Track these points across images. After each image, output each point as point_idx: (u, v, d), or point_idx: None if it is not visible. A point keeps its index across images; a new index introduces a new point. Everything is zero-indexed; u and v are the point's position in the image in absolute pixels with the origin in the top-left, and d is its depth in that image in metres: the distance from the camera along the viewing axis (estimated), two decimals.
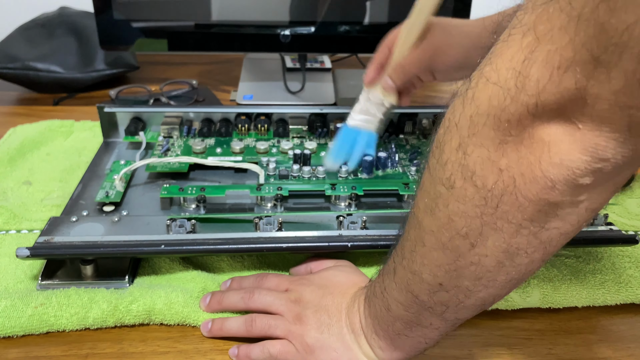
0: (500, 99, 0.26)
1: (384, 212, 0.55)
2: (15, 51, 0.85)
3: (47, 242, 0.47)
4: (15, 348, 0.44)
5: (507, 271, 0.32)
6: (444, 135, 0.30)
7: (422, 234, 0.33)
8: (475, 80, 0.28)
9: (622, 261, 0.53)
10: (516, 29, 0.26)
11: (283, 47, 0.82)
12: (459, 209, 0.30)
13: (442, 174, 0.30)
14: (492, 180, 0.28)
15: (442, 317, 0.36)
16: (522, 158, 0.27)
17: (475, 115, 0.28)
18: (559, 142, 0.26)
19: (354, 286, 0.44)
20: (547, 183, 0.27)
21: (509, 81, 0.26)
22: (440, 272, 0.33)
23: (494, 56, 0.27)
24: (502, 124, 0.27)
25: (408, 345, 0.39)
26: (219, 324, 0.45)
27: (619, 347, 0.46)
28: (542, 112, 0.26)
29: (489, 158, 0.28)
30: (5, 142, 0.70)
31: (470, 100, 0.28)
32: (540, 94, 0.25)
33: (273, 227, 0.51)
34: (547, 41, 0.24)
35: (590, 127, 0.25)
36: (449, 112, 0.30)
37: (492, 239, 0.30)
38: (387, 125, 0.69)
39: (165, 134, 0.66)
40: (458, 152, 0.29)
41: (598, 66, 0.23)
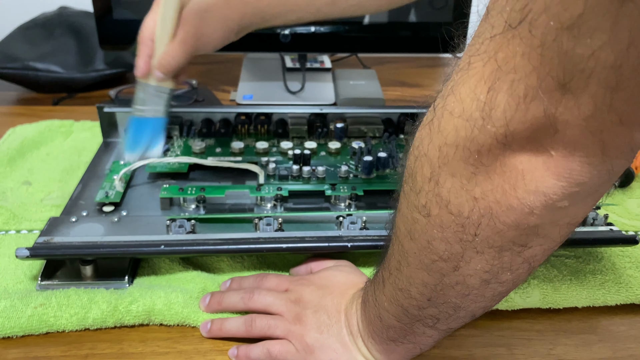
0: (467, 131, 0.26)
1: (384, 212, 0.55)
2: (15, 51, 0.85)
3: (46, 243, 0.47)
4: (15, 348, 0.44)
5: (493, 287, 0.32)
6: (415, 163, 0.30)
7: (405, 255, 0.33)
8: (440, 109, 0.27)
9: (622, 261, 0.53)
10: (476, 57, 0.25)
11: (283, 47, 0.82)
12: (437, 235, 0.30)
13: (417, 202, 0.30)
14: (468, 208, 0.28)
15: (434, 327, 0.36)
16: (497, 186, 0.27)
17: (444, 146, 0.27)
18: (532, 170, 0.25)
19: (353, 287, 0.44)
20: (525, 209, 0.26)
21: (474, 112, 0.25)
22: (426, 290, 0.33)
23: (456, 85, 0.26)
24: (472, 154, 0.26)
25: (403, 350, 0.39)
26: (219, 324, 0.45)
27: (619, 348, 0.46)
28: (512, 141, 0.25)
29: (463, 187, 0.27)
30: (5, 142, 0.70)
31: (437, 130, 0.28)
32: (509, 123, 0.24)
33: (273, 227, 0.51)
34: (510, 70, 0.24)
35: (563, 154, 0.24)
36: (417, 140, 0.30)
37: (475, 261, 0.30)
38: (387, 125, 0.69)
39: (166, 134, 0.66)
40: (431, 181, 0.29)
41: (565, 93, 0.22)
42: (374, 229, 0.51)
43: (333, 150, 0.65)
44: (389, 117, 0.70)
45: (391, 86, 0.94)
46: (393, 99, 0.90)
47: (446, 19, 0.80)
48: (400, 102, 0.89)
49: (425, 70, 1.02)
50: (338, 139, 0.67)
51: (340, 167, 0.60)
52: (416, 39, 0.82)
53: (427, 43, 0.83)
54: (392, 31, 0.82)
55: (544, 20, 0.21)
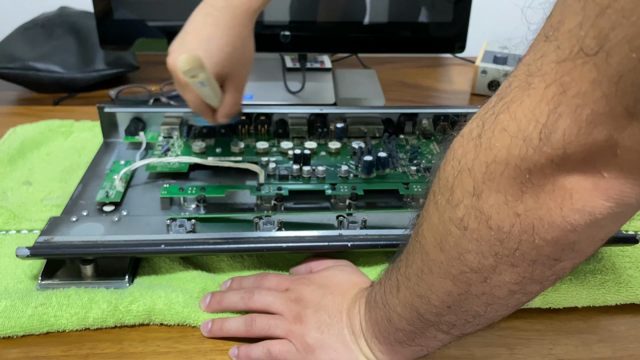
0: (521, 150, 0.26)
1: (384, 212, 0.55)
2: (15, 51, 0.85)
3: (47, 242, 0.47)
4: (15, 348, 0.44)
5: (518, 298, 0.32)
6: (455, 177, 0.29)
7: (429, 263, 0.33)
8: (490, 126, 0.27)
9: (622, 261, 0.53)
10: (537, 77, 0.25)
11: (283, 47, 0.82)
12: (472, 248, 0.30)
13: (453, 215, 0.30)
14: (509, 224, 0.28)
15: (447, 333, 0.36)
16: (542, 204, 0.27)
17: (493, 163, 0.27)
18: (581, 190, 0.26)
19: (354, 287, 0.44)
20: (567, 227, 0.26)
21: (532, 133, 0.25)
22: (449, 299, 0.33)
23: (512, 104, 0.26)
24: (522, 173, 0.26)
25: (409, 352, 0.39)
26: (219, 324, 0.45)
27: (619, 347, 0.46)
28: (567, 162, 0.25)
29: (506, 204, 0.27)
30: (5, 142, 0.70)
31: (485, 147, 0.27)
32: (567, 146, 0.24)
33: (273, 227, 0.51)
34: (576, 95, 0.23)
35: (616, 176, 0.25)
36: (458, 153, 0.29)
37: (506, 274, 0.30)
38: (387, 125, 0.69)
39: (166, 134, 0.66)
40: (472, 196, 0.28)
41: (633, 121, 0.23)
42: (374, 229, 0.51)
43: (333, 150, 0.65)
44: (389, 117, 0.70)
45: (391, 86, 0.94)
46: (393, 99, 0.90)
47: (446, 19, 0.80)
48: (400, 102, 0.89)
49: (425, 70, 1.02)
50: (338, 139, 0.67)
51: (340, 167, 0.60)
52: (416, 39, 0.82)
53: (427, 43, 0.83)
54: (392, 31, 0.82)
55: (624, 51, 0.21)
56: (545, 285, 0.31)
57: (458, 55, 1.03)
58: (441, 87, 0.96)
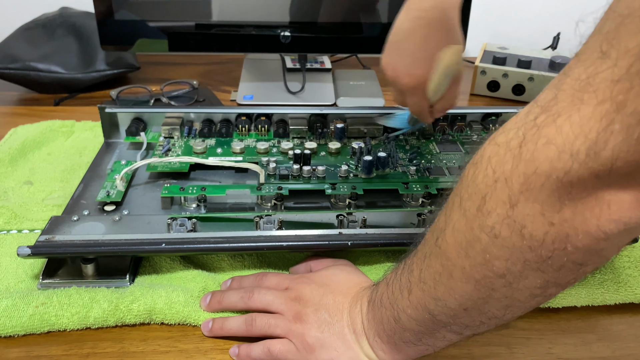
0: (566, 164, 0.26)
1: (383, 212, 0.55)
2: (16, 51, 0.85)
3: (48, 241, 0.47)
4: (17, 347, 0.44)
5: (537, 300, 0.32)
6: (489, 186, 0.29)
7: (450, 268, 0.33)
8: (532, 137, 0.27)
9: (621, 261, 0.53)
10: (588, 93, 0.25)
11: (283, 48, 0.82)
12: (501, 255, 0.30)
13: (483, 222, 0.30)
14: (542, 232, 0.28)
15: (458, 333, 0.36)
16: (579, 214, 0.27)
17: (533, 175, 0.27)
18: (620, 201, 0.26)
19: (355, 286, 0.45)
20: (601, 235, 0.27)
21: (580, 148, 0.25)
22: (468, 302, 0.33)
23: (558, 117, 0.26)
24: (563, 186, 0.26)
25: (413, 351, 0.39)
26: (220, 323, 0.46)
27: (618, 347, 0.46)
28: (611, 177, 0.25)
29: (542, 214, 0.27)
30: (7, 142, 0.71)
31: (526, 158, 0.27)
32: (614, 163, 0.25)
33: (273, 226, 0.51)
34: (630, 114, 0.24)
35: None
36: (494, 162, 0.29)
37: (532, 278, 0.30)
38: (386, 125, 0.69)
39: (166, 134, 0.66)
40: (506, 204, 0.28)
41: None
42: (374, 228, 0.51)
43: (333, 150, 0.65)
44: None
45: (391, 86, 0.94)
46: (393, 99, 0.90)
47: None
48: None
49: None
50: (338, 139, 0.67)
51: (340, 167, 0.61)
52: None
53: None
54: None
55: None
56: (564, 288, 0.31)
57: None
58: None
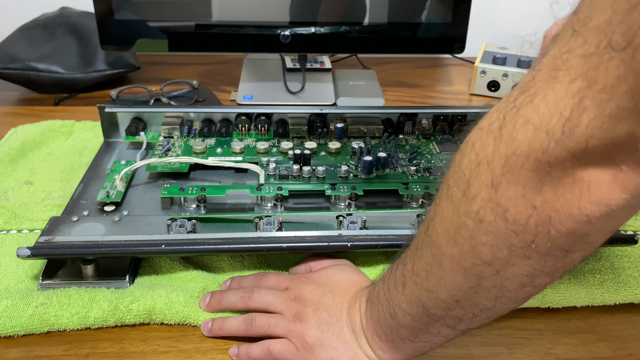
0: (543, 143, 0.26)
1: (383, 212, 0.55)
2: (16, 51, 0.85)
3: (48, 242, 0.47)
4: (16, 347, 0.44)
5: (527, 290, 0.32)
6: (473, 169, 0.29)
7: (440, 257, 0.33)
8: (512, 119, 0.27)
9: (621, 261, 0.53)
10: (561, 71, 0.25)
11: (283, 48, 0.82)
12: (487, 241, 0.30)
13: (468, 207, 0.30)
14: (526, 216, 0.28)
15: (453, 327, 0.36)
16: (560, 196, 0.27)
17: (513, 156, 0.27)
18: (599, 183, 0.26)
19: (354, 285, 0.45)
20: (583, 218, 0.27)
21: (555, 126, 0.25)
22: (458, 293, 0.33)
23: (535, 97, 0.26)
24: (542, 166, 0.26)
25: (411, 349, 0.39)
26: (219, 323, 0.46)
27: (618, 347, 0.46)
28: (588, 156, 0.25)
29: (524, 196, 0.27)
30: (6, 142, 0.71)
31: (506, 139, 0.27)
32: (589, 140, 0.25)
33: (273, 227, 0.51)
34: (601, 90, 0.24)
35: (634, 169, 0.25)
36: (477, 145, 0.29)
37: (519, 265, 0.30)
38: (387, 125, 0.69)
39: (166, 134, 0.67)
40: (489, 188, 0.28)
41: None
42: (374, 229, 0.51)
43: (333, 150, 0.65)
44: (389, 117, 0.70)
45: (391, 86, 0.94)
46: (393, 99, 0.90)
47: (446, 20, 0.80)
48: (400, 102, 0.89)
49: (425, 70, 1.02)
50: (338, 139, 0.67)
51: (340, 167, 0.61)
52: (416, 39, 0.82)
53: (427, 43, 0.83)
54: (392, 31, 0.82)
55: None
56: (554, 277, 0.31)
57: (457, 55, 1.03)
58: (440, 88, 0.96)
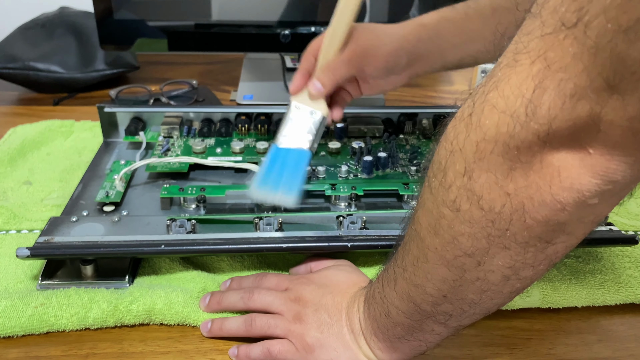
0: (509, 127, 0.26)
1: (384, 212, 0.55)
2: (16, 51, 0.85)
3: (47, 242, 0.47)
4: (16, 348, 0.44)
5: (512, 284, 0.32)
6: (448, 158, 0.30)
7: (424, 250, 0.33)
8: (480, 105, 0.27)
9: (622, 261, 0.53)
10: (523, 54, 0.25)
11: (283, 47, 0.82)
12: (465, 230, 0.30)
13: (446, 197, 0.30)
14: (500, 204, 0.28)
15: (444, 324, 0.36)
16: (531, 182, 0.27)
17: (482, 142, 0.27)
18: (569, 167, 0.26)
19: (354, 286, 0.44)
20: (557, 206, 0.27)
21: (519, 109, 0.25)
22: (444, 286, 0.33)
23: (500, 82, 0.26)
24: (510, 150, 0.26)
25: (408, 348, 0.39)
26: (219, 324, 0.45)
27: (619, 347, 0.46)
28: (553, 139, 0.25)
29: (497, 183, 0.28)
30: (6, 142, 0.71)
31: (475, 125, 0.28)
32: (552, 122, 0.25)
33: (273, 227, 0.51)
34: (559, 69, 0.24)
35: (602, 152, 0.25)
36: (451, 134, 0.29)
37: (499, 257, 0.30)
38: (387, 125, 0.69)
39: (166, 134, 0.66)
40: (464, 177, 0.29)
41: (613, 94, 0.23)
42: (374, 229, 0.51)
43: (333, 150, 0.65)
44: (389, 117, 0.70)
45: None
46: (393, 99, 0.90)
47: None
48: (400, 102, 0.89)
49: None
50: (338, 139, 0.67)
51: (340, 167, 0.60)
52: None
53: None
54: None
55: (601, 22, 0.22)
56: (538, 270, 0.31)
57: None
58: (441, 87, 0.96)
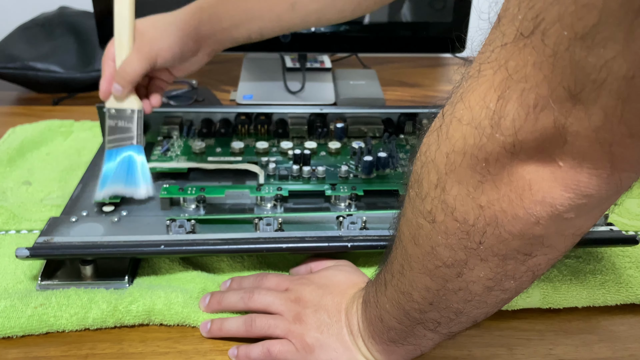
0: (475, 138, 0.26)
1: (384, 212, 0.55)
2: (15, 51, 0.85)
3: (46, 243, 0.47)
4: (15, 348, 0.44)
5: (495, 294, 0.32)
6: (422, 169, 0.30)
7: (408, 259, 0.33)
8: (448, 116, 0.27)
9: (622, 261, 0.53)
10: (486, 64, 0.25)
11: (283, 47, 0.82)
12: (442, 242, 0.30)
13: (422, 208, 0.30)
14: (474, 216, 0.28)
15: (435, 331, 0.36)
16: (503, 195, 0.26)
17: (452, 153, 0.27)
18: (539, 180, 0.25)
19: (353, 286, 0.44)
20: (531, 219, 0.26)
21: (483, 120, 0.25)
22: (429, 295, 0.33)
23: (465, 93, 0.26)
24: (479, 162, 0.26)
25: (403, 351, 0.39)
26: (219, 324, 0.45)
27: (619, 348, 0.46)
28: (521, 150, 0.25)
29: (469, 195, 0.27)
30: (5, 142, 0.70)
31: (444, 137, 0.27)
32: (517, 132, 0.24)
33: (273, 227, 0.51)
34: (521, 79, 0.23)
35: (572, 165, 0.24)
36: (424, 146, 0.29)
37: (478, 268, 0.30)
38: (387, 125, 0.69)
39: (165, 134, 0.66)
40: (437, 188, 0.29)
41: (576, 103, 0.22)
42: (374, 229, 0.51)
43: (333, 150, 0.65)
44: (389, 117, 0.70)
45: (391, 86, 0.94)
46: (393, 99, 0.90)
47: (446, 19, 0.80)
48: (400, 102, 0.89)
49: (425, 70, 1.02)
50: (338, 139, 0.67)
51: (340, 167, 0.60)
52: (416, 39, 0.82)
53: (427, 43, 0.83)
54: (392, 31, 0.82)
55: (557, 30, 0.21)
56: (521, 281, 0.31)
57: (458, 55, 1.03)
58: (441, 87, 0.96)
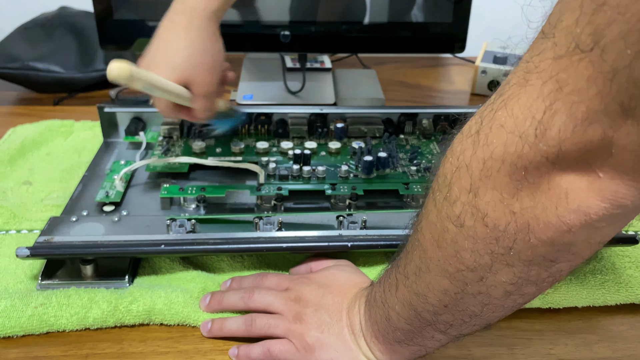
0: (517, 147, 0.26)
1: (384, 212, 0.55)
2: (15, 51, 0.85)
3: (47, 242, 0.47)
4: (15, 348, 0.44)
5: (514, 299, 0.32)
6: (453, 173, 0.29)
7: (427, 261, 0.33)
8: (488, 123, 0.27)
9: (622, 261, 0.53)
10: (533, 74, 0.25)
11: (283, 47, 0.82)
12: (468, 246, 0.30)
13: (450, 212, 0.30)
14: (505, 222, 0.28)
15: (444, 332, 0.36)
16: (538, 203, 0.27)
17: (489, 160, 0.27)
18: (577, 190, 0.25)
19: (354, 286, 0.44)
20: (563, 227, 0.26)
21: (528, 129, 0.25)
22: (445, 298, 0.33)
23: (509, 100, 0.26)
24: (518, 170, 0.26)
25: (407, 352, 0.39)
26: (219, 324, 0.45)
27: (619, 347, 0.46)
28: (562, 161, 0.25)
29: (502, 201, 0.27)
30: (5, 142, 0.70)
31: (483, 143, 0.27)
32: (562, 144, 0.24)
33: (273, 227, 0.51)
34: (571, 92, 0.23)
35: (612, 176, 0.24)
36: (457, 149, 0.29)
37: (502, 273, 0.30)
38: (387, 125, 0.69)
39: (166, 134, 0.66)
40: (469, 193, 0.28)
41: (628, 118, 0.22)
42: (374, 229, 0.51)
43: (333, 150, 0.65)
44: (389, 117, 0.70)
45: (391, 86, 0.94)
46: (393, 99, 0.90)
47: (446, 19, 0.80)
48: (400, 102, 0.89)
49: (425, 70, 1.02)
50: (338, 139, 0.67)
51: (340, 167, 0.60)
52: (416, 39, 0.82)
53: (427, 43, 0.83)
54: (392, 31, 0.82)
55: (619, 47, 0.21)
56: (541, 287, 0.31)
57: (458, 55, 1.03)
58: (441, 87, 0.96)
